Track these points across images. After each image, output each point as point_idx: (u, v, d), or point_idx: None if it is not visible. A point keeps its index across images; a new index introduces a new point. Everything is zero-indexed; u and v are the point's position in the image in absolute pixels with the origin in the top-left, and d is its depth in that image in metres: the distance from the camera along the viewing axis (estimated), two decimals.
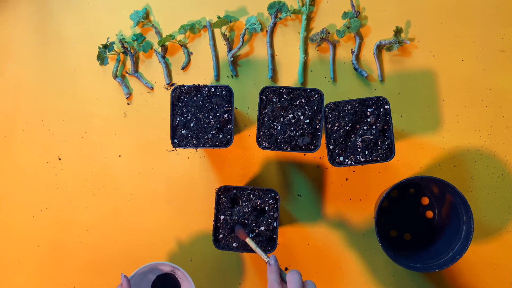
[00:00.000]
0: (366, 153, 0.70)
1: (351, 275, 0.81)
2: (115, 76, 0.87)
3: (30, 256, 0.88)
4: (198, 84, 0.74)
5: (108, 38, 0.87)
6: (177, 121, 0.74)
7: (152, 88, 0.87)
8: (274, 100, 0.72)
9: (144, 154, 0.86)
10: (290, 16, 0.83)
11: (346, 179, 0.82)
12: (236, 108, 0.84)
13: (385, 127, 0.70)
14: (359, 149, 0.70)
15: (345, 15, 0.81)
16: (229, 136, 0.73)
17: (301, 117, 0.71)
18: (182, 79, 0.87)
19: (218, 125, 0.72)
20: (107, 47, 0.86)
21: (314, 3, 0.84)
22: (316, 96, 0.72)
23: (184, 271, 0.74)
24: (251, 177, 0.83)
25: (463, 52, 0.81)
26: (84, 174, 0.87)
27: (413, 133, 0.81)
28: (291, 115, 0.72)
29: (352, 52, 0.82)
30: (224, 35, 0.84)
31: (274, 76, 0.84)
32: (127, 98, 0.87)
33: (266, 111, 0.72)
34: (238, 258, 0.83)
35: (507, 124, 0.80)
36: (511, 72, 0.80)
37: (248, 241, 0.68)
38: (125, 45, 0.86)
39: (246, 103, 0.85)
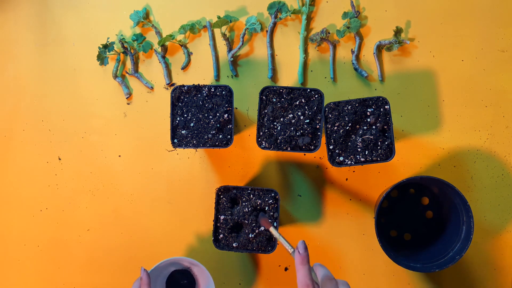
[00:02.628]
0: (366, 153, 0.70)
1: (351, 275, 0.81)
2: (115, 76, 0.87)
3: (30, 256, 0.88)
4: (198, 84, 0.74)
5: (108, 38, 0.87)
6: (177, 121, 0.74)
7: (152, 88, 0.87)
8: (274, 100, 0.72)
9: (144, 154, 0.86)
10: (290, 16, 0.83)
11: (346, 179, 0.82)
12: (236, 108, 0.84)
13: (385, 127, 0.70)
14: (359, 149, 0.70)
15: (345, 15, 0.81)
16: (229, 136, 0.73)
17: (301, 117, 0.71)
18: (182, 79, 0.87)
19: (218, 125, 0.72)
20: (107, 47, 0.86)
21: (314, 3, 0.84)
22: (316, 96, 0.72)
23: (204, 267, 0.73)
24: (251, 177, 0.83)
25: (463, 52, 0.81)
26: (84, 174, 0.87)
27: (413, 133, 0.81)
28: (291, 115, 0.72)
29: (352, 52, 0.82)
30: (224, 35, 0.84)
31: (274, 76, 0.84)
32: (127, 98, 0.87)
33: (266, 111, 0.72)
34: (238, 258, 0.83)
35: (507, 124, 0.80)
36: (511, 72, 0.80)
37: (272, 230, 0.65)
38: (125, 45, 0.86)
39: (246, 103, 0.85)
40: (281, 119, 0.72)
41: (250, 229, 0.72)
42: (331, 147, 0.71)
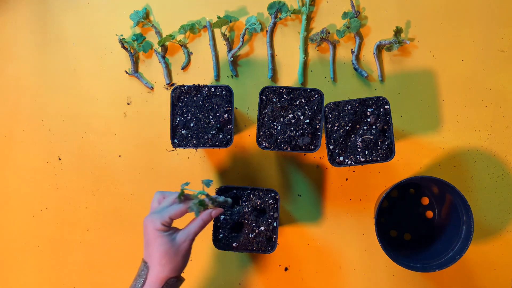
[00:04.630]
0: (366, 153, 0.70)
1: (351, 275, 0.81)
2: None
3: (30, 256, 0.88)
4: (198, 84, 0.74)
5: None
6: (177, 121, 0.74)
7: (152, 88, 0.87)
8: (274, 100, 0.72)
9: (144, 154, 0.86)
10: (290, 16, 0.83)
11: (346, 179, 0.82)
12: (236, 108, 0.84)
13: (385, 127, 0.70)
14: (359, 149, 0.70)
15: (345, 15, 0.81)
16: (229, 136, 0.73)
17: (301, 117, 0.71)
18: (182, 79, 0.87)
19: (218, 125, 0.72)
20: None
21: (314, 3, 0.84)
22: (316, 96, 0.72)
23: None
24: (251, 177, 0.83)
25: (463, 52, 0.81)
26: (84, 174, 0.87)
27: (413, 133, 0.81)
28: (291, 115, 0.72)
29: (352, 52, 0.82)
30: (224, 35, 0.84)
31: (274, 76, 0.84)
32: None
33: (266, 111, 0.72)
34: (238, 258, 0.83)
35: (507, 124, 0.80)
36: (511, 72, 0.80)
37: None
38: (125, 45, 0.86)
39: (246, 103, 0.85)
40: (281, 119, 0.72)
41: (250, 229, 0.72)
42: (331, 147, 0.71)
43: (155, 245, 0.60)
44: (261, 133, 0.72)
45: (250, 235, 0.72)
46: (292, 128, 0.71)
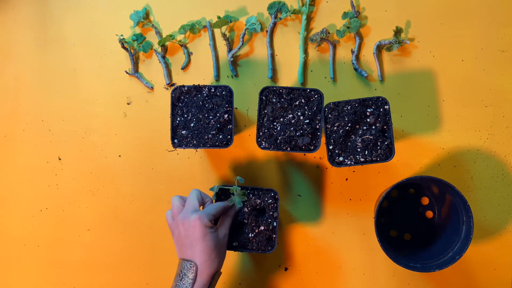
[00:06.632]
0: (366, 153, 0.70)
1: (351, 275, 0.81)
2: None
3: (30, 256, 0.88)
4: (198, 84, 0.74)
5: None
6: (177, 121, 0.74)
7: (152, 88, 0.87)
8: (274, 100, 0.72)
9: (144, 154, 0.86)
10: (290, 16, 0.83)
11: (346, 179, 0.82)
12: (236, 108, 0.84)
13: (385, 127, 0.70)
14: (358, 149, 0.70)
15: (345, 15, 0.81)
16: (229, 136, 0.73)
17: (301, 117, 0.71)
18: (182, 79, 0.87)
19: (218, 125, 0.72)
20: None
21: (314, 3, 0.84)
22: (316, 96, 0.72)
23: None
24: (251, 177, 0.83)
25: (463, 52, 0.81)
26: (84, 174, 0.87)
27: (413, 133, 0.81)
28: (291, 115, 0.72)
29: (352, 52, 0.82)
30: (224, 35, 0.84)
31: (274, 76, 0.84)
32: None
33: (266, 111, 0.72)
34: (238, 258, 0.83)
35: (507, 124, 0.80)
36: (511, 72, 0.80)
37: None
38: (125, 45, 0.86)
39: (246, 103, 0.85)
40: (281, 119, 0.72)
41: (250, 229, 0.72)
42: (330, 147, 0.71)
43: (205, 242, 0.64)
44: (261, 133, 0.72)
45: (250, 235, 0.72)
46: (292, 128, 0.71)
